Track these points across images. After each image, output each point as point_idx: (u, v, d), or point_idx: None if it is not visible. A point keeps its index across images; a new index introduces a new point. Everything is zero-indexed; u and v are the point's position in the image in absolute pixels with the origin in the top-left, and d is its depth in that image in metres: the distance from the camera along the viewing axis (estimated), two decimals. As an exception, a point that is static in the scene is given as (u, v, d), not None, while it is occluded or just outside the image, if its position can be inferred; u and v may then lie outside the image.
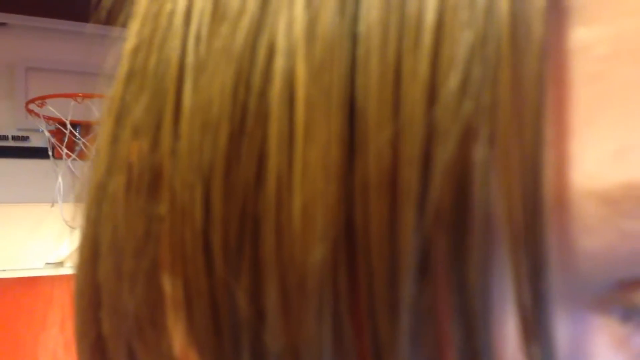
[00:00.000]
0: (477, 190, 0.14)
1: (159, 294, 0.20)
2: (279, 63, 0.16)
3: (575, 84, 0.15)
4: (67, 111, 2.86)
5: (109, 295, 0.21)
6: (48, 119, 2.98)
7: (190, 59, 0.18)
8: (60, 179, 3.03)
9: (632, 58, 0.14)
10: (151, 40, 0.20)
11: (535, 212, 0.14)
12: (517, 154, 0.14)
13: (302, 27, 0.16)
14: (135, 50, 0.20)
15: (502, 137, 0.14)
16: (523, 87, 0.14)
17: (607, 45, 0.15)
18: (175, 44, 0.18)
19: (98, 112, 0.23)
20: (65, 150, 3.00)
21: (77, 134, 2.97)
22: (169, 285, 0.20)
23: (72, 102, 2.83)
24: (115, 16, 0.24)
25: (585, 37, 0.15)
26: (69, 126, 2.90)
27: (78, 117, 2.90)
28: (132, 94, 0.20)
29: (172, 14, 0.19)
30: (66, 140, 2.98)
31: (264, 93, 0.16)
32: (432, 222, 0.15)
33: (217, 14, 0.17)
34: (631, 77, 0.14)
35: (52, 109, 2.91)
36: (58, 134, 3.03)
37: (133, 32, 0.21)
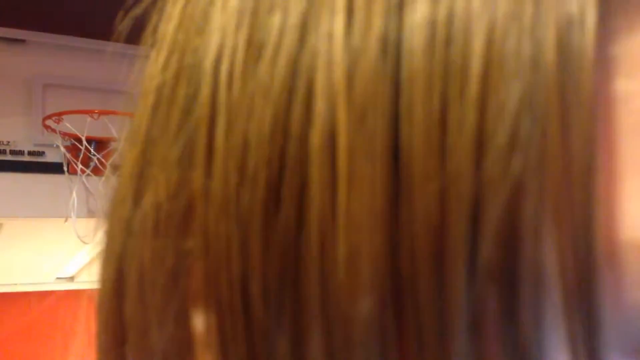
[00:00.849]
0: (527, 247, 0.14)
1: (188, 332, 0.20)
2: (319, 107, 0.16)
3: (621, 136, 0.15)
4: (83, 127, 2.89)
5: (136, 332, 0.21)
6: (64, 134, 3.01)
7: (222, 97, 0.17)
8: (74, 195, 3.04)
9: None
10: (178, 74, 0.19)
11: (589, 268, 0.14)
12: (568, 209, 0.14)
13: (342, 69, 0.15)
14: (162, 84, 0.20)
15: (552, 192, 0.14)
16: (573, 141, 0.14)
17: None
18: (206, 80, 0.18)
19: (114, 128, 0.23)
20: (80, 166, 3.02)
21: (92, 150, 2.99)
22: (200, 324, 0.19)
23: (88, 119, 2.85)
24: (134, 35, 0.24)
25: (626, 89, 0.15)
26: (84, 142, 2.92)
27: (94, 134, 2.92)
28: (158, 127, 0.20)
29: (201, 48, 0.19)
30: (81, 156, 2.99)
31: (303, 138, 0.16)
32: (482, 279, 0.14)
33: (251, 51, 0.17)
34: None
35: (68, 125, 2.93)
36: (73, 149, 3.05)
37: (158, 64, 0.20)
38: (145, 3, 0.23)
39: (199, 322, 0.19)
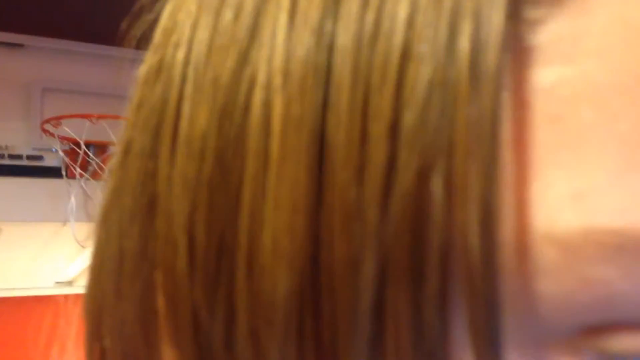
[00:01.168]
0: (434, 226, 0.14)
1: (153, 315, 0.20)
2: (257, 96, 0.16)
3: (536, 125, 0.15)
4: (81, 131, 2.88)
5: (109, 313, 0.22)
6: (63, 138, 3.01)
7: (188, 89, 0.18)
8: (72, 199, 3.04)
9: (593, 100, 0.14)
10: (157, 70, 0.20)
11: (491, 253, 0.14)
12: (474, 193, 0.14)
13: (280, 60, 0.16)
14: (144, 80, 0.21)
15: (458, 174, 0.14)
16: (480, 126, 0.14)
17: (567, 87, 0.15)
18: (176, 72, 0.19)
19: (112, 132, 0.23)
20: (79, 170, 3.02)
21: (90, 154, 2.99)
22: (161, 306, 0.20)
23: (87, 123, 2.85)
24: (132, 39, 0.24)
25: (548, 78, 0.15)
26: (82, 146, 2.92)
27: (92, 138, 2.92)
28: (139, 122, 0.21)
29: (177, 44, 0.19)
30: (80, 160, 2.99)
31: (243, 125, 0.17)
32: (390, 260, 0.15)
33: (213, 44, 0.18)
34: (590, 120, 0.14)
35: (67, 129, 2.94)
36: (72, 153, 3.05)
37: (144, 64, 0.21)
38: (144, 7, 0.23)
39: (161, 305, 0.20)
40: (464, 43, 0.14)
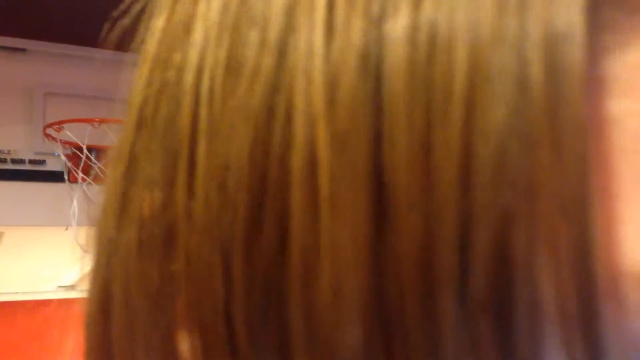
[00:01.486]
0: (520, 277, 0.13)
1: (175, 355, 0.19)
2: (299, 128, 0.15)
3: (615, 157, 0.14)
4: (83, 136, 2.88)
5: (122, 354, 0.20)
6: (65, 143, 3.01)
7: (203, 115, 0.17)
8: (75, 203, 3.04)
9: None
10: (160, 91, 0.19)
11: (590, 297, 0.13)
12: (565, 237, 0.13)
13: (321, 88, 0.15)
14: (144, 101, 0.19)
15: (545, 220, 0.13)
16: (565, 165, 0.13)
17: (636, 119, 0.14)
18: (187, 98, 0.17)
19: (115, 137, 0.22)
20: (81, 175, 3.02)
21: (93, 159, 2.99)
22: (186, 348, 0.19)
23: (89, 127, 2.85)
24: (134, 43, 0.24)
25: (618, 110, 0.14)
26: (85, 150, 2.92)
27: (94, 142, 2.92)
28: (142, 146, 0.19)
29: (182, 64, 0.18)
30: (82, 164, 2.99)
31: (284, 160, 0.15)
32: (474, 310, 0.14)
33: (231, 69, 0.16)
34: None
35: (69, 133, 2.93)
36: (74, 158, 3.05)
37: (142, 80, 0.20)
38: (145, 12, 0.22)
39: (185, 346, 0.19)
40: (537, 78, 0.13)
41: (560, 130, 0.13)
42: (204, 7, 0.18)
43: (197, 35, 0.18)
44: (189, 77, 0.18)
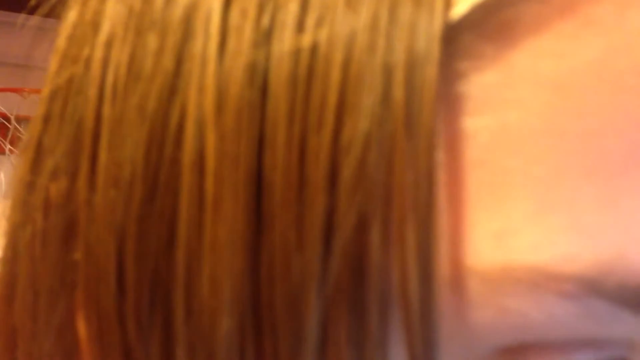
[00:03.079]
0: (374, 272, 0.15)
1: (74, 340, 0.20)
2: (190, 130, 0.16)
3: (465, 169, 0.16)
4: (12, 106, 2.79)
5: (24, 337, 0.21)
6: (-9, 113, 2.90)
7: (106, 111, 0.18)
8: (1, 175, 2.95)
9: (512, 148, 0.16)
10: (68, 85, 0.19)
11: (429, 293, 0.15)
12: (413, 238, 0.15)
13: (212, 95, 0.16)
14: (53, 94, 0.20)
15: (396, 223, 0.15)
16: (417, 174, 0.15)
17: (489, 134, 0.16)
18: (92, 94, 0.18)
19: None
20: (9, 146, 2.92)
21: (21, 130, 2.89)
22: (84, 333, 0.20)
23: (18, 97, 2.75)
24: (60, 9, 0.24)
25: (472, 125, 0.16)
26: (13, 121, 2.83)
27: (24, 112, 2.83)
28: (49, 138, 0.20)
29: (89, 60, 0.19)
30: (10, 135, 2.90)
31: (175, 159, 0.16)
32: (331, 301, 0.15)
33: (133, 68, 0.17)
34: (509, 165, 0.16)
35: (-4, 102, 2.83)
36: (2, 128, 2.95)
37: (51, 73, 0.20)
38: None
39: (83, 330, 0.20)
40: (398, 95, 0.15)
41: (414, 144, 0.15)
42: (111, 6, 0.19)
43: (104, 33, 0.18)
44: (94, 74, 0.18)
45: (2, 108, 2.86)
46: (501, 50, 0.16)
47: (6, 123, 2.93)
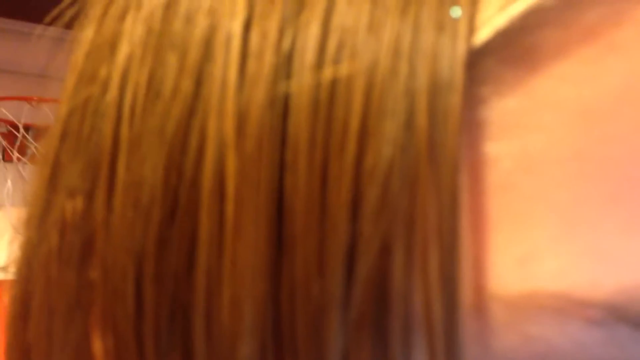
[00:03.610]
0: (396, 300, 0.15)
1: (89, 357, 0.20)
2: (210, 153, 0.16)
3: (487, 194, 0.16)
4: (20, 114, 2.80)
5: (39, 356, 0.21)
6: (1, 121, 2.91)
7: (124, 132, 0.18)
8: (9, 183, 2.96)
9: (534, 173, 0.15)
10: (85, 104, 0.19)
11: (453, 320, 0.15)
12: (436, 264, 0.15)
13: (232, 119, 0.16)
14: (70, 113, 0.20)
15: (420, 250, 0.15)
16: (440, 200, 0.15)
17: (512, 159, 0.15)
18: (109, 114, 0.18)
19: (53, 116, 0.22)
20: (16, 154, 2.93)
21: (29, 138, 2.90)
22: (100, 354, 0.20)
23: (26, 105, 2.77)
24: (74, 20, 0.24)
25: (494, 151, 0.16)
26: (21, 129, 2.84)
27: (32, 121, 2.84)
28: (66, 156, 0.20)
29: (107, 80, 0.18)
30: (18, 143, 2.91)
31: (195, 182, 0.16)
32: (354, 326, 0.15)
33: (152, 89, 0.17)
34: (532, 190, 0.15)
35: (5, 111, 2.85)
36: (10, 136, 2.96)
37: (68, 91, 0.20)
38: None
39: (99, 349, 0.20)
40: (422, 121, 0.15)
41: (438, 170, 0.15)
42: (129, 26, 0.18)
43: (122, 53, 0.18)
44: (112, 94, 0.18)
45: (10, 116, 2.87)
46: (523, 76, 0.16)
47: (14, 131, 2.95)
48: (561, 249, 0.15)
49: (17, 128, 2.88)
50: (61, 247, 0.20)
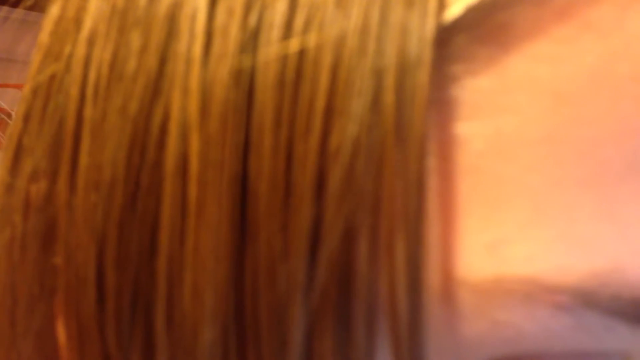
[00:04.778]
0: (361, 283, 0.15)
1: (54, 347, 0.20)
2: (173, 133, 0.16)
3: (457, 176, 0.15)
4: (13, 102, 2.80)
5: (3, 343, 0.21)
6: (-6, 108, 2.91)
7: (87, 111, 0.17)
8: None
9: (506, 155, 0.15)
10: (50, 83, 0.19)
11: (418, 304, 0.15)
12: (402, 248, 0.14)
13: (196, 98, 0.15)
14: (34, 92, 0.19)
15: (385, 232, 0.14)
16: (407, 182, 0.14)
17: (483, 140, 0.15)
18: (73, 93, 0.18)
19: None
20: (10, 142, 2.93)
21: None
22: (63, 340, 0.19)
23: (20, 93, 2.76)
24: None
25: (465, 131, 0.15)
26: (14, 117, 2.84)
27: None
28: (29, 137, 0.19)
29: (71, 58, 0.18)
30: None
31: (157, 164, 0.16)
32: (317, 310, 0.15)
33: (116, 68, 0.17)
34: (503, 173, 0.15)
35: (-2, 99, 2.84)
36: (2, 124, 2.96)
37: (33, 69, 0.20)
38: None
39: (62, 336, 0.19)
40: (389, 100, 0.14)
41: (405, 150, 0.14)
42: (94, 2, 0.18)
43: (86, 30, 0.18)
44: (76, 72, 0.18)
45: (3, 104, 2.87)
46: (496, 54, 0.15)
47: (6, 119, 2.94)
48: (532, 234, 0.15)
49: (10, 116, 2.87)
50: (24, 232, 0.19)
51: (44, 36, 0.20)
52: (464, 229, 0.15)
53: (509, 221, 0.15)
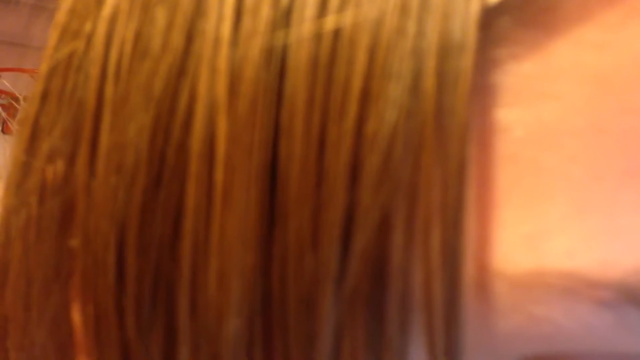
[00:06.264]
0: (395, 273, 0.14)
1: (68, 332, 0.19)
2: (200, 114, 0.15)
3: (496, 165, 0.15)
4: (20, 86, 2.80)
5: (16, 327, 0.20)
6: (1, 92, 2.91)
7: (109, 91, 0.17)
8: (9, 154, 2.96)
9: (548, 145, 0.14)
10: (68, 62, 0.18)
11: (454, 297, 0.14)
12: (438, 239, 0.14)
13: (225, 78, 0.15)
14: (52, 71, 0.19)
15: (422, 222, 0.14)
16: (446, 170, 0.14)
17: (524, 128, 0.14)
18: (94, 72, 0.17)
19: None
20: (17, 126, 2.94)
21: (30, 110, 2.91)
22: (79, 326, 0.19)
23: (27, 77, 2.76)
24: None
25: (506, 118, 0.14)
26: (21, 101, 2.84)
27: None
28: (47, 117, 0.19)
29: (91, 35, 0.17)
30: (18, 115, 2.91)
31: (183, 146, 0.15)
32: (349, 302, 0.14)
33: (139, 46, 0.16)
34: (544, 163, 0.14)
35: (6, 82, 2.84)
36: (10, 108, 2.96)
37: (50, 48, 0.19)
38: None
39: (78, 321, 0.19)
40: (429, 85, 0.14)
41: (444, 138, 0.14)
42: None
43: (108, 7, 0.17)
44: (97, 50, 0.17)
45: (11, 87, 2.87)
46: (540, 39, 0.15)
47: (14, 103, 2.94)
48: (573, 227, 0.14)
49: (17, 100, 2.87)
50: (40, 214, 0.19)
51: (62, 13, 0.19)
52: (502, 220, 0.15)
53: (549, 213, 0.14)
